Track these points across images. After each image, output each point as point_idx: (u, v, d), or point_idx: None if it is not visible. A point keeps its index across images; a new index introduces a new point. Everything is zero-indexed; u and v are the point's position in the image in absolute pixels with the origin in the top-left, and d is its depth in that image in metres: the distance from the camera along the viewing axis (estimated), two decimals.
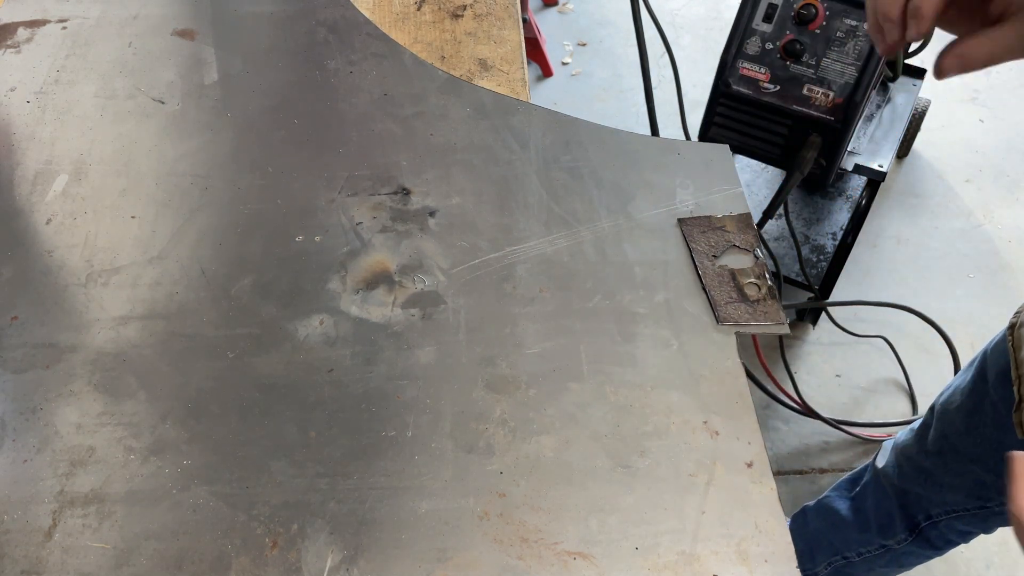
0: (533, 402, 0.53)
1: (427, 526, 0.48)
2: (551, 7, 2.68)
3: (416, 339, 0.56)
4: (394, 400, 0.53)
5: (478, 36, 0.81)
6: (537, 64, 2.39)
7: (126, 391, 0.54)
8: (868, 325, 1.62)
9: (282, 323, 0.57)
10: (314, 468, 0.50)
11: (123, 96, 0.74)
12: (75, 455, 0.51)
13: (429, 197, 0.65)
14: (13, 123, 0.71)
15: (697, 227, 0.62)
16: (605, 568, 0.46)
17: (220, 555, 0.47)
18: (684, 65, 1.61)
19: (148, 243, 0.62)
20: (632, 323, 0.57)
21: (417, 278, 0.60)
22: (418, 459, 0.51)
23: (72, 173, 0.67)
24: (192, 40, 0.79)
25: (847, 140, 1.41)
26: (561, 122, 0.71)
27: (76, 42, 0.79)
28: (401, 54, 0.77)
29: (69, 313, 0.58)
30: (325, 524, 0.48)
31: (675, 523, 0.48)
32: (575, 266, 0.61)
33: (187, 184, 0.66)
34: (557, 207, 0.64)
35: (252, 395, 0.54)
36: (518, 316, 0.58)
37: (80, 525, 0.48)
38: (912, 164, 2.13)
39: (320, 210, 0.64)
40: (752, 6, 1.28)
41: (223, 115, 0.72)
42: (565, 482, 0.50)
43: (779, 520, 0.48)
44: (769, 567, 0.46)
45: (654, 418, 0.52)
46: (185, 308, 0.58)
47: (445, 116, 0.71)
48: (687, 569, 0.46)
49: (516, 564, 0.47)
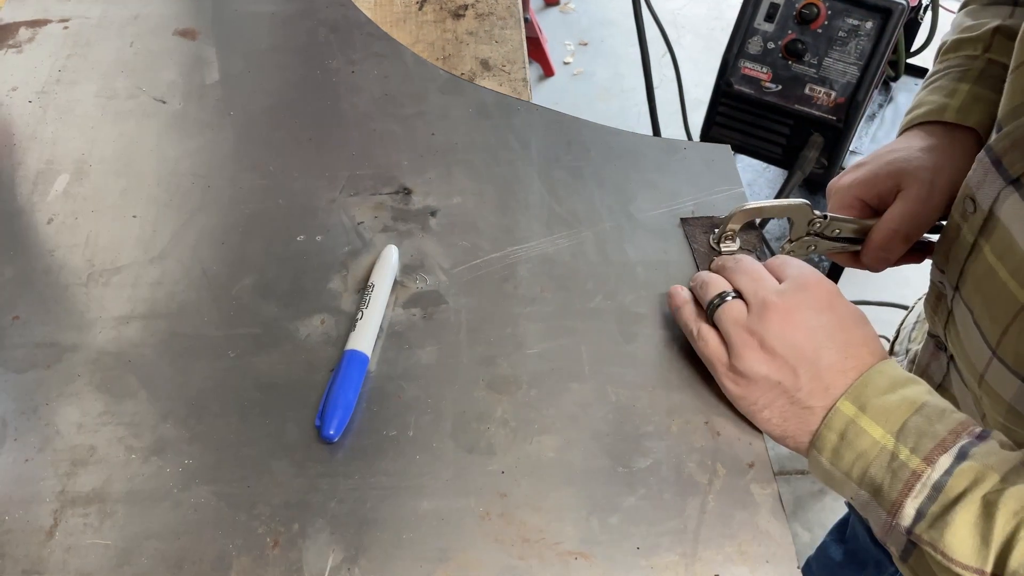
0: (534, 402, 0.53)
1: (428, 526, 0.48)
2: (553, 6, 2.68)
3: (417, 339, 0.56)
4: (395, 400, 0.53)
5: (480, 36, 0.81)
6: (539, 64, 2.39)
7: (127, 391, 0.54)
8: None
9: (283, 323, 0.57)
10: (315, 468, 0.50)
11: (124, 96, 0.74)
12: (76, 454, 0.51)
13: (430, 197, 0.65)
14: (15, 123, 0.71)
15: (699, 227, 0.62)
16: (606, 568, 0.46)
17: (221, 554, 0.47)
18: (685, 65, 1.61)
19: (149, 243, 0.62)
20: (634, 323, 0.57)
21: (418, 278, 0.60)
22: (419, 459, 0.51)
23: (73, 173, 0.67)
24: (193, 40, 0.79)
25: (849, 140, 1.41)
26: (563, 122, 0.71)
27: (77, 42, 0.79)
28: (402, 54, 0.77)
29: (70, 313, 0.58)
30: (326, 524, 0.48)
31: (676, 523, 0.48)
32: (576, 266, 0.60)
33: (188, 184, 0.66)
34: (558, 207, 0.64)
35: (253, 395, 0.54)
36: (519, 316, 0.57)
37: (81, 524, 0.48)
38: None
39: (321, 210, 0.64)
40: (754, 5, 1.27)
41: (224, 115, 0.72)
42: (566, 482, 0.50)
43: (780, 521, 0.48)
44: (770, 567, 0.46)
45: (655, 418, 0.52)
46: (186, 308, 0.58)
47: (446, 116, 0.71)
48: (688, 569, 0.46)
49: (517, 564, 0.47)
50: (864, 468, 0.45)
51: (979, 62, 0.62)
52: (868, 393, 0.46)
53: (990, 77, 0.61)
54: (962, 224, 0.54)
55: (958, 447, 0.44)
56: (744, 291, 0.51)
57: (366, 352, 0.54)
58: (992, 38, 0.62)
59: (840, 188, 0.63)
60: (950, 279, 0.56)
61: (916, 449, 0.44)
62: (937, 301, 0.59)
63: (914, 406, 0.46)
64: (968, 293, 0.53)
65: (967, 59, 0.63)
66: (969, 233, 0.53)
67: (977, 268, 0.52)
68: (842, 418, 0.46)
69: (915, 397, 0.46)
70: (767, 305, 0.49)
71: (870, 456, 0.45)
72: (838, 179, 0.64)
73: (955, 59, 0.64)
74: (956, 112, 0.60)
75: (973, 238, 0.52)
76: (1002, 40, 0.62)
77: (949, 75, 0.63)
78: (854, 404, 0.46)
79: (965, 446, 0.44)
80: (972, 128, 0.60)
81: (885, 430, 0.45)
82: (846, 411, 0.46)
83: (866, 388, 0.47)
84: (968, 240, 0.53)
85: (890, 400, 0.46)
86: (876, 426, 0.45)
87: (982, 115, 0.60)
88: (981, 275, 0.52)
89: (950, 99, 0.61)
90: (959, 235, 0.54)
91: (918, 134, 0.62)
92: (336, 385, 0.52)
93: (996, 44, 0.62)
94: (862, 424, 0.46)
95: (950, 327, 0.58)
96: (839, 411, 0.47)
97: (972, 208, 0.52)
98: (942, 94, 0.62)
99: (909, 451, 0.44)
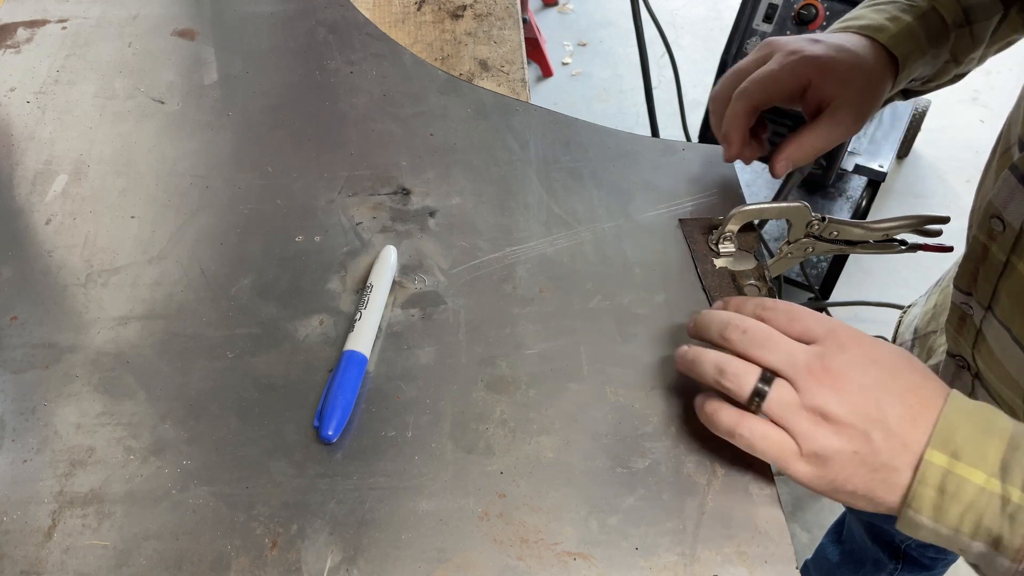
0: (533, 402, 0.53)
1: (427, 526, 0.48)
2: (551, 7, 2.68)
3: (416, 339, 0.56)
4: (394, 400, 0.53)
5: (478, 36, 0.81)
6: (537, 64, 2.39)
7: (126, 391, 0.54)
8: (868, 325, 1.62)
9: (282, 323, 0.57)
10: (314, 468, 0.50)
11: (123, 96, 0.74)
12: (75, 455, 0.51)
13: (429, 197, 0.65)
14: (13, 123, 0.71)
15: (697, 228, 0.62)
16: (605, 569, 0.46)
17: (220, 555, 0.47)
18: (684, 65, 1.61)
19: (148, 243, 0.62)
20: (632, 324, 0.57)
21: (417, 278, 0.60)
22: (418, 459, 0.51)
23: (72, 173, 0.67)
24: (192, 40, 0.79)
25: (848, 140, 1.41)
26: (561, 122, 0.71)
27: (76, 42, 0.79)
28: (401, 54, 0.77)
29: (69, 313, 0.58)
30: (325, 524, 0.48)
31: (675, 524, 0.48)
32: (575, 266, 0.60)
33: (187, 184, 0.66)
34: (557, 207, 0.64)
35: (252, 395, 0.54)
36: (518, 316, 0.57)
37: (80, 525, 0.48)
38: (912, 164, 2.13)
39: (320, 210, 0.64)
40: (752, 6, 1.28)
41: (223, 115, 0.72)
42: (565, 483, 0.50)
43: (779, 521, 0.48)
44: (769, 568, 0.46)
45: (654, 419, 0.52)
46: (185, 308, 0.58)
47: (445, 116, 0.71)
48: (687, 570, 0.46)
49: (516, 564, 0.47)
50: (976, 520, 0.41)
51: (924, 4, 0.62)
52: (954, 437, 0.42)
53: (929, 23, 0.61)
54: (990, 244, 0.53)
55: None
56: (779, 368, 0.46)
57: (365, 353, 0.54)
58: None
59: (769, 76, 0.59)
60: (980, 299, 0.55)
61: None
62: (961, 323, 0.59)
63: (1005, 437, 0.42)
64: (1005, 312, 0.53)
65: None
66: (1000, 252, 0.52)
67: (1013, 286, 0.51)
68: (936, 471, 0.42)
69: (1001, 428, 0.43)
70: (813, 374, 0.45)
71: (980, 506, 0.41)
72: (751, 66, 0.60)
73: None
74: (891, 38, 0.60)
75: (1005, 257, 0.51)
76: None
77: (896, 4, 0.62)
78: (944, 452, 0.42)
79: None
80: (895, 58, 0.60)
81: (987, 473, 0.41)
82: (938, 462, 0.42)
83: (950, 432, 0.42)
84: (999, 259, 0.52)
85: (978, 438, 0.42)
86: (976, 471, 0.41)
87: (910, 50, 0.60)
88: (1020, 292, 0.51)
89: (891, 24, 0.60)
90: (988, 255, 0.53)
91: (850, 38, 0.60)
92: (335, 386, 0.52)
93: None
94: (960, 472, 0.42)
95: (980, 347, 0.57)
96: (930, 463, 0.42)
97: (1000, 227, 0.51)
98: (884, 16, 0.61)
99: (1021, 491, 0.40)
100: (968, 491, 0.41)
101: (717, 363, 0.47)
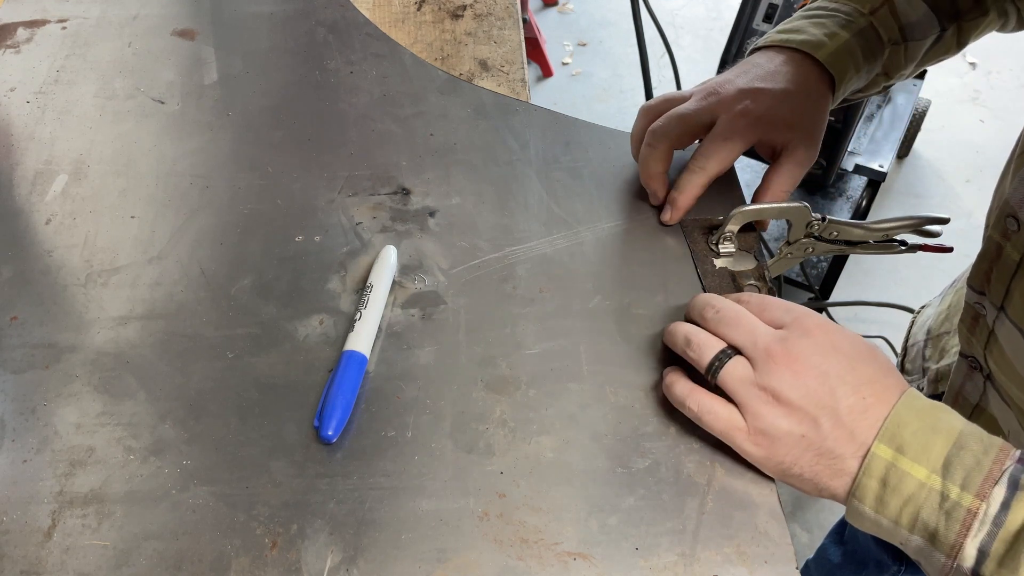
0: (533, 402, 0.53)
1: (427, 526, 0.48)
2: (551, 7, 2.68)
3: (416, 339, 0.56)
4: (394, 400, 0.53)
5: (478, 36, 0.81)
6: (537, 64, 2.39)
7: (126, 391, 0.54)
8: (868, 325, 1.62)
9: (282, 323, 0.57)
10: (314, 468, 0.50)
11: (123, 96, 0.74)
12: (74, 455, 0.51)
13: (429, 197, 0.65)
14: (13, 123, 0.71)
15: (697, 228, 0.62)
16: (605, 569, 0.46)
17: (220, 555, 0.47)
18: (684, 65, 1.61)
19: (148, 243, 0.62)
20: (632, 324, 0.57)
21: (417, 278, 0.60)
22: (418, 459, 0.51)
23: (72, 173, 0.67)
24: (192, 40, 0.79)
25: (847, 140, 1.41)
26: (561, 122, 0.71)
27: (76, 42, 0.79)
28: (401, 54, 0.77)
29: (69, 313, 0.58)
30: (325, 524, 0.48)
31: (675, 524, 0.48)
32: (575, 266, 0.60)
33: (187, 184, 0.66)
34: (557, 207, 0.64)
35: (252, 395, 0.54)
36: (518, 316, 0.57)
37: (80, 525, 0.48)
38: (912, 164, 2.13)
39: (320, 210, 0.64)
40: (752, 6, 1.28)
41: (223, 115, 0.72)
42: (565, 483, 0.50)
43: (779, 521, 0.48)
44: (769, 568, 0.46)
45: (654, 419, 0.52)
46: (185, 308, 0.58)
47: (445, 116, 0.71)
48: (687, 570, 0.46)
49: (516, 565, 0.47)
50: (914, 513, 0.43)
51: (863, 20, 0.63)
52: (902, 432, 0.44)
53: (866, 39, 0.62)
54: (1004, 243, 0.53)
55: (1007, 476, 0.42)
56: (742, 345, 0.48)
57: (365, 353, 0.54)
58: (882, 6, 0.63)
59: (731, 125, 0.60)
60: (993, 299, 0.55)
61: (966, 485, 0.42)
62: (973, 322, 0.59)
63: (951, 437, 0.43)
64: (1017, 312, 0.52)
65: (856, 12, 0.63)
66: (1014, 251, 0.52)
67: None
68: (880, 463, 0.43)
69: (949, 426, 0.44)
70: (772, 356, 0.47)
71: (919, 500, 0.42)
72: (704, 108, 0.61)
73: (846, 5, 0.64)
74: (829, 55, 0.61)
75: (1019, 256, 0.51)
76: (887, 14, 0.63)
77: (835, 19, 0.63)
78: (890, 446, 0.44)
79: (1014, 473, 0.42)
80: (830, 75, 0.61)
81: (929, 469, 0.43)
82: (883, 455, 0.44)
83: (898, 427, 0.44)
84: (1014, 258, 0.52)
85: (925, 435, 0.43)
86: (918, 466, 0.43)
87: (846, 67, 0.61)
88: None
89: (828, 41, 0.61)
90: (1002, 254, 0.53)
91: (789, 69, 0.61)
92: (335, 386, 0.52)
93: (882, 14, 0.63)
94: (903, 466, 0.43)
95: (992, 347, 0.57)
96: (876, 455, 0.44)
97: (1015, 226, 0.51)
98: (823, 32, 0.62)
99: (959, 488, 0.42)
100: (909, 485, 0.43)
101: (687, 334, 0.51)
